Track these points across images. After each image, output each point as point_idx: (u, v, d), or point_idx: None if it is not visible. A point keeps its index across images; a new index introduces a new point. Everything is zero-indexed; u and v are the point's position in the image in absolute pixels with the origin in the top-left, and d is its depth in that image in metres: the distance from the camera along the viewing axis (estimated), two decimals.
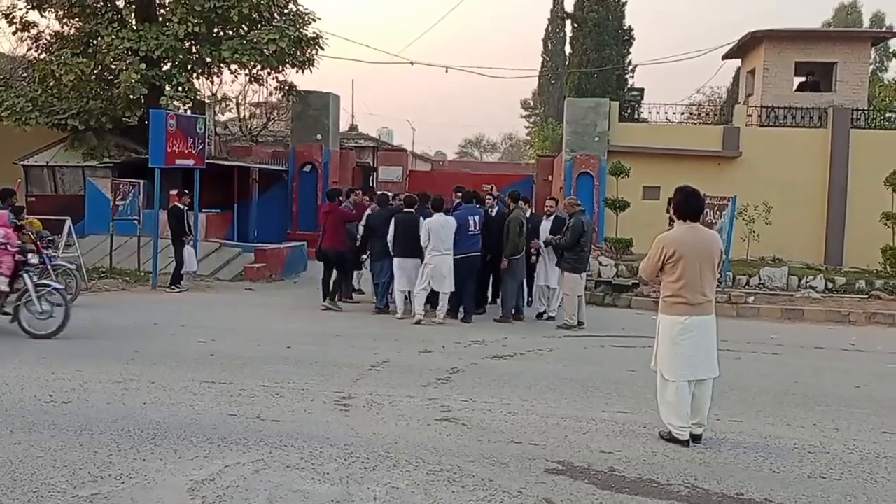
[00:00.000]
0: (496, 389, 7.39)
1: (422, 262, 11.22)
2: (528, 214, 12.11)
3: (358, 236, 12.46)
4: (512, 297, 11.64)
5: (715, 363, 5.82)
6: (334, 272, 12.33)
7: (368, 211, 12.52)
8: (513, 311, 11.64)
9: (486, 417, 6.37)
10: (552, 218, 12.08)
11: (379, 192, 13.80)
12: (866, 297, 14.50)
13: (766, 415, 6.78)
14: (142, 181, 16.12)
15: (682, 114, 22.76)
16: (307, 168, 21.69)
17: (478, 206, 11.79)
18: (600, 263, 15.48)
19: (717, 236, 5.85)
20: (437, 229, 10.97)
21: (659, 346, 5.88)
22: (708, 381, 5.83)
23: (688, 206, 5.79)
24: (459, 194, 11.92)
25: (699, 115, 24.29)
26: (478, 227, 11.29)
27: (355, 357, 8.68)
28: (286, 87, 21.03)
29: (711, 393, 5.88)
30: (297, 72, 20.01)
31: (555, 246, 11.45)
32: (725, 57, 24.72)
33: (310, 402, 6.71)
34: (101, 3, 18.90)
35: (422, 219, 11.24)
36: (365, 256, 12.40)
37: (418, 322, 11.07)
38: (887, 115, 21.67)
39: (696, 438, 5.80)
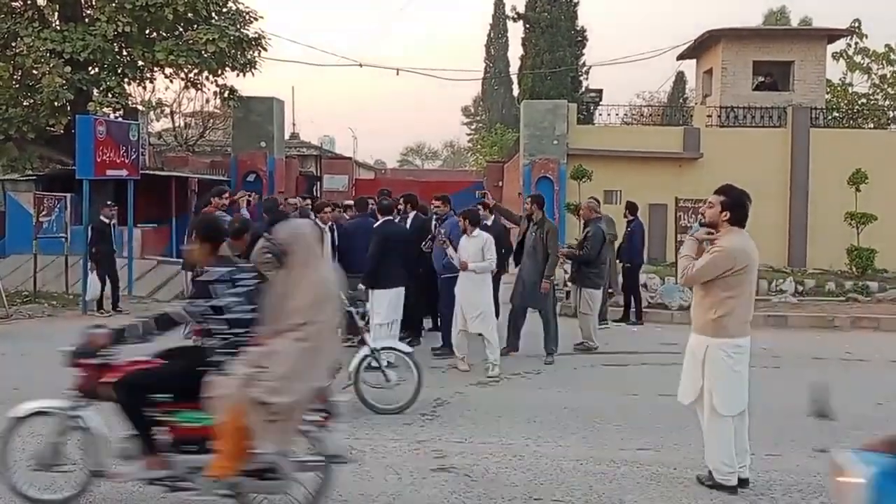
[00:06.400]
0: (492, 426, 6.43)
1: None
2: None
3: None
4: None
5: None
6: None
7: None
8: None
9: (491, 464, 5.40)
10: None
11: (265, 198, 12.48)
12: (844, 300, 14.04)
13: (802, 445, 5.98)
14: (69, 195, 14.73)
15: (626, 115, 22.33)
16: (251, 178, 20.29)
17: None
18: (565, 272, 14.66)
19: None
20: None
21: (707, 377, 4.91)
22: (745, 411, 5.02)
23: (747, 212, 4.96)
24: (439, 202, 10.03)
25: (661, 115, 23.82)
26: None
27: None
28: (226, 92, 19.62)
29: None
30: (237, 75, 18.68)
31: (574, 259, 10.21)
32: (680, 57, 24.36)
33: None
34: (20, 1, 17.30)
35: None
36: None
37: None
38: (834, 114, 21.55)
39: (742, 483, 4.95)
